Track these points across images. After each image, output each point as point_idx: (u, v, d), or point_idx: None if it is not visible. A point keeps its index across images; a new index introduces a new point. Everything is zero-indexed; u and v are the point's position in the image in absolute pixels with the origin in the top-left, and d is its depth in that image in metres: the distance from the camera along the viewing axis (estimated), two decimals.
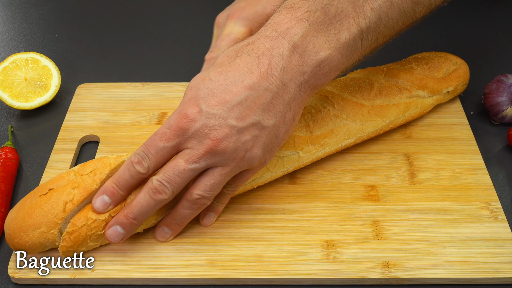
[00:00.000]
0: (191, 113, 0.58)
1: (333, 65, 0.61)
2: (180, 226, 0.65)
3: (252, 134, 0.59)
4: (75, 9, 1.07)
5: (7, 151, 0.74)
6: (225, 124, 0.58)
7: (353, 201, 0.70)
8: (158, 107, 0.83)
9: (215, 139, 0.58)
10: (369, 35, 0.63)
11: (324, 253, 0.64)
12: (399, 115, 0.76)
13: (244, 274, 0.62)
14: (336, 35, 0.60)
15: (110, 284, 0.63)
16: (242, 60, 0.59)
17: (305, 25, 0.59)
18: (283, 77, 0.59)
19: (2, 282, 0.63)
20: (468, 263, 0.63)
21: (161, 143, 0.59)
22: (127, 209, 0.61)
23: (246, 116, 0.59)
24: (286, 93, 0.60)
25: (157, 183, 0.60)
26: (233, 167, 0.60)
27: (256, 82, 0.59)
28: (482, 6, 1.02)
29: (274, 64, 0.59)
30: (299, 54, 0.59)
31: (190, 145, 0.59)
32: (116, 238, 0.62)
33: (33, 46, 0.98)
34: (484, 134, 0.80)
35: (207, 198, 0.61)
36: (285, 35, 0.59)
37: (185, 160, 0.59)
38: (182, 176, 0.59)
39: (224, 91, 0.58)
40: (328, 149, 0.72)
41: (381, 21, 0.63)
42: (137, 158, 0.60)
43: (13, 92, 0.81)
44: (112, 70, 0.92)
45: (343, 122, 0.72)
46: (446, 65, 0.81)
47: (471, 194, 0.70)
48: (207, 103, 0.58)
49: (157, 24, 1.03)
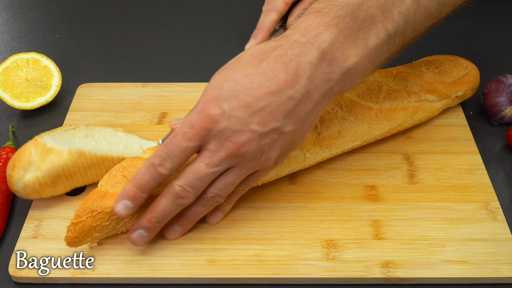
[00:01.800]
0: (214, 114, 0.57)
1: (360, 71, 0.60)
2: (190, 224, 0.65)
3: (271, 138, 0.59)
4: (75, 10, 1.07)
5: (8, 151, 0.74)
6: (247, 129, 0.58)
7: (353, 201, 0.70)
8: (159, 107, 0.83)
9: (237, 143, 0.58)
10: (396, 38, 0.62)
11: (324, 252, 0.64)
12: (406, 119, 0.76)
13: (244, 274, 0.63)
14: (364, 41, 0.60)
15: (111, 283, 0.63)
16: (269, 65, 0.58)
17: (334, 31, 0.58)
18: (309, 86, 0.58)
19: (3, 281, 0.64)
20: (467, 262, 0.63)
21: (183, 143, 0.58)
22: (150, 214, 0.61)
23: (268, 122, 0.58)
24: (310, 101, 0.59)
25: (179, 188, 0.59)
26: (249, 167, 0.61)
27: (281, 89, 0.58)
28: (481, 6, 1.02)
29: (301, 72, 0.58)
30: (327, 62, 0.58)
31: (211, 147, 0.58)
32: (141, 241, 0.62)
33: (34, 46, 0.98)
34: (483, 134, 0.80)
35: (221, 197, 0.62)
36: (314, 42, 0.58)
37: (206, 164, 0.58)
38: (204, 180, 0.59)
39: (248, 95, 0.58)
40: (335, 151, 0.73)
41: (408, 24, 0.62)
42: (159, 160, 0.59)
43: (14, 92, 0.81)
44: (112, 70, 0.92)
45: (351, 125, 0.72)
46: (457, 69, 0.80)
47: (470, 194, 0.71)
48: (230, 105, 0.57)
49: (157, 24, 1.03)
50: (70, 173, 0.68)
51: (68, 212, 0.68)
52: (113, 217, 0.62)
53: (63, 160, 0.67)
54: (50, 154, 0.66)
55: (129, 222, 0.64)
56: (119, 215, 0.61)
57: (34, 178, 0.66)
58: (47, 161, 0.66)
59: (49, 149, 0.66)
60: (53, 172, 0.67)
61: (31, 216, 0.68)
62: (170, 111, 0.82)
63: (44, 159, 0.66)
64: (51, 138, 0.69)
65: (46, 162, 0.66)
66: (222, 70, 0.61)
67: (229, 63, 0.61)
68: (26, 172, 0.66)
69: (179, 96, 0.84)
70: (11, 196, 0.71)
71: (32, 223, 0.68)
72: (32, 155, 0.66)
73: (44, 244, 0.65)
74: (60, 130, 0.71)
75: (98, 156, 0.68)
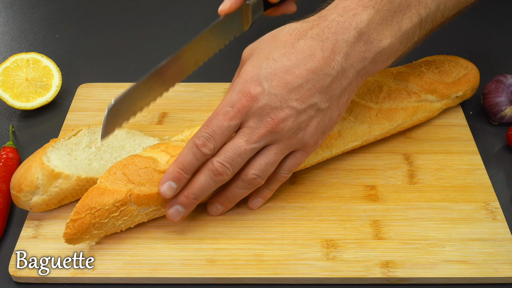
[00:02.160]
0: (255, 92, 0.59)
1: (392, 52, 0.63)
2: (232, 204, 0.67)
3: (308, 115, 0.61)
4: (75, 10, 1.08)
5: (8, 151, 0.75)
6: (286, 105, 0.60)
7: (353, 200, 0.70)
8: (159, 107, 0.83)
9: (277, 119, 0.60)
10: (427, 23, 0.65)
11: (323, 252, 0.65)
12: (406, 119, 0.76)
13: (244, 273, 0.63)
14: (398, 24, 0.62)
15: (111, 283, 0.63)
16: (307, 43, 0.60)
17: (371, 12, 0.61)
18: (344, 63, 0.61)
19: (3, 281, 0.64)
20: (467, 262, 0.63)
21: (225, 122, 0.60)
22: (188, 190, 0.62)
23: (306, 98, 0.60)
24: (345, 78, 0.61)
25: (218, 164, 0.61)
26: (287, 145, 0.62)
27: (318, 66, 0.60)
28: (481, 7, 1.02)
29: (337, 50, 0.60)
30: (363, 41, 0.61)
31: (251, 124, 0.60)
32: (177, 216, 0.63)
33: (34, 46, 0.98)
34: (483, 134, 0.80)
35: (262, 178, 0.63)
36: (352, 21, 0.60)
37: (246, 140, 0.60)
38: (243, 156, 0.61)
39: (286, 72, 0.60)
40: (335, 151, 0.73)
41: (439, 10, 0.65)
42: (202, 140, 0.60)
43: (14, 92, 0.82)
44: (112, 70, 0.93)
45: (351, 125, 0.73)
46: (457, 69, 0.81)
47: (470, 194, 0.71)
48: (270, 83, 0.60)
49: (157, 24, 1.03)
50: (77, 193, 0.68)
51: (68, 212, 0.68)
52: (112, 215, 0.63)
53: (71, 185, 0.67)
54: (58, 178, 0.66)
55: (128, 220, 0.64)
56: (165, 196, 0.62)
57: (41, 201, 0.66)
58: (54, 185, 0.66)
59: (57, 174, 0.66)
60: (60, 194, 0.67)
61: (31, 216, 0.68)
62: (170, 111, 0.82)
63: (52, 183, 0.66)
64: (56, 155, 0.68)
65: (53, 187, 0.66)
66: (257, 48, 0.63)
67: (264, 41, 0.63)
68: (34, 195, 0.66)
69: (179, 96, 0.84)
70: (11, 196, 0.71)
71: (32, 223, 0.68)
72: (39, 179, 0.66)
73: (44, 244, 0.65)
74: (63, 140, 0.70)
75: None
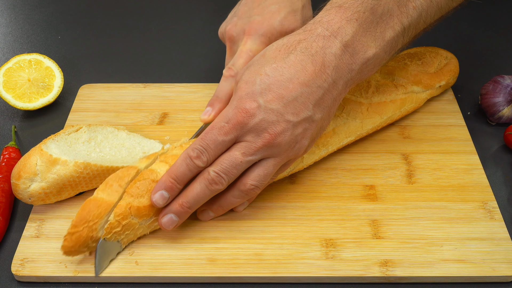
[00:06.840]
0: (250, 108, 0.60)
1: (377, 61, 0.64)
2: (224, 211, 0.67)
3: (303, 127, 0.62)
4: (77, 11, 1.08)
5: (10, 151, 0.75)
6: (283, 119, 0.61)
7: (352, 200, 0.71)
8: (160, 108, 0.83)
9: (273, 133, 0.60)
10: (410, 31, 0.66)
11: (323, 251, 0.65)
12: (395, 111, 0.78)
13: (244, 272, 0.63)
14: (381, 34, 0.63)
15: (112, 282, 0.64)
16: (297, 57, 0.61)
17: (355, 25, 0.62)
18: (335, 75, 0.62)
19: (6, 280, 0.64)
20: (465, 261, 0.64)
21: (220, 137, 0.61)
22: (182, 198, 0.63)
23: (300, 111, 0.61)
24: (335, 89, 0.63)
25: (214, 174, 0.61)
26: (284, 157, 0.63)
27: (311, 79, 0.61)
28: (479, 7, 1.03)
29: (327, 63, 0.61)
30: (349, 53, 0.62)
31: (248, 139, 0.61)
32: (171, 225, 0.64)
33: (36, 47, 0.99)
34: (480, 134, 0.80)
35: (259, 188, 0.64)
36: (337, 35, 0.62)
37: (242, 153, 0.61)
38: (239, 168, 0.62)
39: (280, 87, 0.61)
40: (331, 148, 0.74)
41: (421, 18, 0.66)
42: (196, 152, 0.61)
43: (16, 93, 0.82)
44: (114, 71, 0.93)
45: (343, 121, 0.74)
46: (438, 60, 0.83)
47: (468, 194, 0.71)
48: (265, 98, 0.60)
49: (158, 25, 1.04)
50: (76, 182, 0.68)
51: (70, 212, 0.69)
52: (114, 230, 0.62)
53: (69, 171, 0.67)
54: (56, 165, 0.67)
55: (130, 233, 0.64)
56: (156, 205, 0.63)
57: (39, 188, 0.67)
58: (52, 172, 0.67)
59: (55, 160, 0.67)
60: (58, 182, 0.67)
61: (33, 215, 0.69)
62: (171, 111, 0.83)
63: (50, 169, 0.67)
64: (55, 145, 0.69)
65: (52, 173, 0.67)
66: (250, 66, 0.63)
67: (255, 60, 0.64)
68: (32, 182, 0.66)
69: (180, 96, 0.85)
70: (13, 196, 0.71)
71: (34, 222, 0.68)
72: (38, 165, 0.66)
73: (46, 244, 0.66)
74: (63, 134, 0.71)
75: (103, 166, 0.69)
